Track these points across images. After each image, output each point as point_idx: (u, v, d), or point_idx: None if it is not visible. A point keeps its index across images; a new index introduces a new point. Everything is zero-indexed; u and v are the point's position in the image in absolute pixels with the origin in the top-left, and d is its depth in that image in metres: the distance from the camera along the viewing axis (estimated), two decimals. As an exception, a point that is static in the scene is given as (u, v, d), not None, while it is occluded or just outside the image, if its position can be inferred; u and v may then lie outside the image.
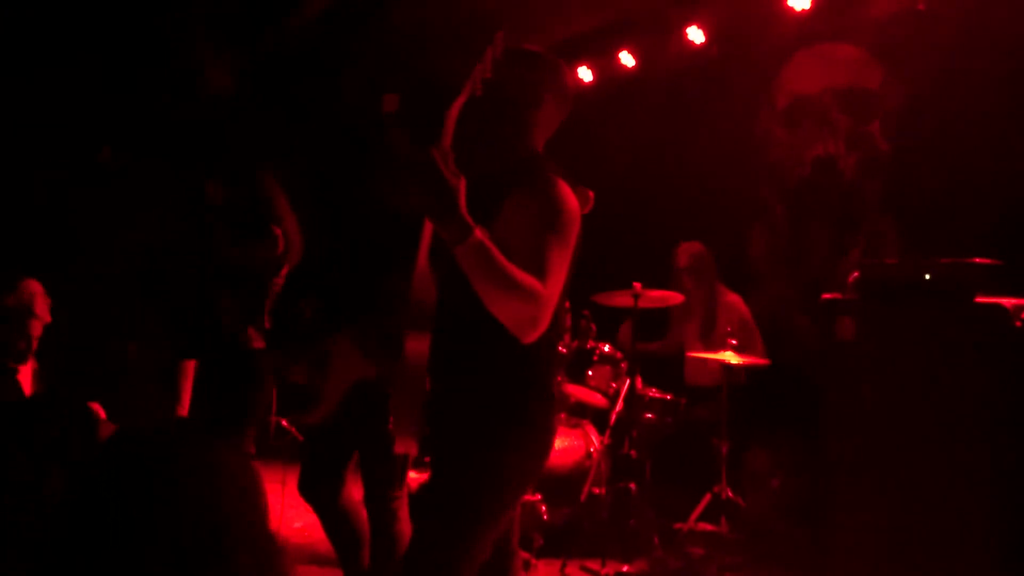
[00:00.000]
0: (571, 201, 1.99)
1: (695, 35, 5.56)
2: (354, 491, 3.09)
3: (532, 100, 2.11)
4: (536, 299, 1.82)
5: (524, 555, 3.88)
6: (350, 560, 3.06)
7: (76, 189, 5.31)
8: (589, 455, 4.34)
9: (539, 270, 1.84)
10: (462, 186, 1.76)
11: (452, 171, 1.76)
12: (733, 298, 4.88)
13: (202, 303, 3.17)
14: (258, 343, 3.18)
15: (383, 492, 2.96)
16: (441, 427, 2.04)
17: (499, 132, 2.11)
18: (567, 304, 4.42)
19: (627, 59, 6.02)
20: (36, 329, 3.80)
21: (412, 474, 4.20)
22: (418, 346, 1.97)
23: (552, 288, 1.86)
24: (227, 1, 4.73)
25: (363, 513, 3.00)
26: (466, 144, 1.95)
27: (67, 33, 5.47)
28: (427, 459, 2.11)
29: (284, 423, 6.54)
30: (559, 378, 4.39)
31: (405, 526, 2.95)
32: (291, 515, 4.63)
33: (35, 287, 3.87)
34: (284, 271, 3.30)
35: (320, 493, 3.02)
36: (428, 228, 2.03)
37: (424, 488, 2.07)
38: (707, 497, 4.20)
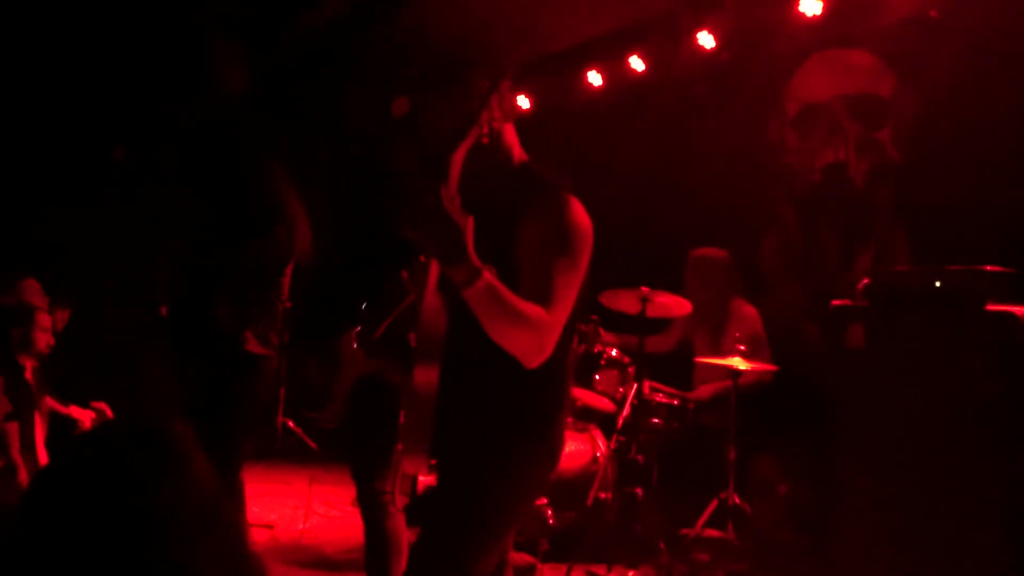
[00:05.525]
0: (582, 220, 1.97)
1: (705, 40, 5.54)
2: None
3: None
4: (541, 328, 1.83)
5: (529, 559, 3.87)
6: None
7: (77, 191, 5.33)
8: (596, 460, 4.33)
9: (545, 296, 1.85)
10: (469, 226, 1.75)
11: (458, 213, 1.74)
12: (749, 311, 4.82)
13: (197, 305, 3.07)
14: (255, 347, 3.07)
15: (374, 488, 2.96)
16: (452, 433, 2.01)
17: (485, 163, 2.01)
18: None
19: (637, 64, 6.01)
20: (45, 323, 3.82)
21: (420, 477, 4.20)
22: (427, 375, 1.96)
23: (558, 314, 1.87)
24: (240, 2, 4.74)
25: (404, 539, 2.96)
26: (462, 179, 1.91)
27: (75, 33, 5.49)
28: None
29: (291, 424, 6.55)
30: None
31: (398, 523, 2.95)
32: (296, 516, 4.64)
33: (33, 286, 3.89)
34: (289, 270, 3.20)
35: (368, 489, 3.00)
36: (435, 263, 2.00)
37: (432, 494, 2.05)
38: (714, 503, 4.18)
